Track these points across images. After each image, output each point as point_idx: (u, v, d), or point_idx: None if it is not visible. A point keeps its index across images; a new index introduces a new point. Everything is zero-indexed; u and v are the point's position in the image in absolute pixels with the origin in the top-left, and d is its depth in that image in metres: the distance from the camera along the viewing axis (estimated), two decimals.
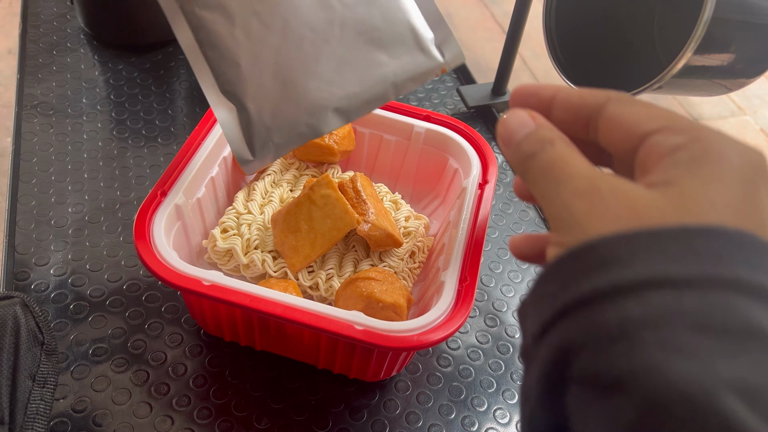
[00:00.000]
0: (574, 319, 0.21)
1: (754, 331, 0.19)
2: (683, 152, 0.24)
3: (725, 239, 0.21)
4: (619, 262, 0.21)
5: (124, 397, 0.51)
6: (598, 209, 0.23)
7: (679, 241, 0.21)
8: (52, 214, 0.64)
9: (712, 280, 0.20)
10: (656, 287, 0.20)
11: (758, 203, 0.23)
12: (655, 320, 0.19)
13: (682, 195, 0.22)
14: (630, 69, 0.39)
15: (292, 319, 0.44)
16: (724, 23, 0.30)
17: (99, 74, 0.80)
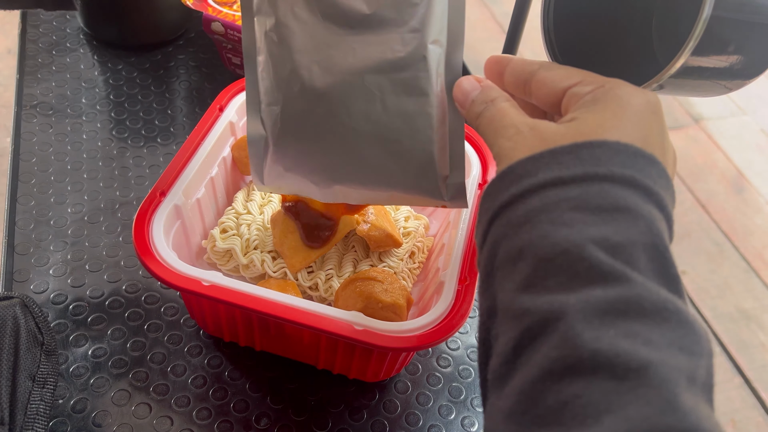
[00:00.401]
0: (498, 221, 0.29)
1: (620, 207, 0.26)
2: (589, 96, 0.31)
3: (605, 148, 0.28)
4: (528, 175, 0.28)
5: (123, 398, 0.51)
6: (519, 144, 0.31)
7: (570, 154, 0.28)
8: (52, 215, 0.64)
9: (591, 175, 0.27)
10: (551, 186, 0.27)
11: (644, 129, 0.29)
12: (548, 207, 0.27)
13: (579, 124, 0.30)
14: (628, 68, 0.39)
15: (291, 319, 0.44)
16: (724, 22, 0.30)
17: (98, 74, 0.80)
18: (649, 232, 0.26)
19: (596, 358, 0.22)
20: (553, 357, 0.23)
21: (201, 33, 0.87)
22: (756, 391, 1.36)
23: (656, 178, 0.28)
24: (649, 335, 0.23)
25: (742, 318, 1.48)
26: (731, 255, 1.61)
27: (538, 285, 0.26)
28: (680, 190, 1.74)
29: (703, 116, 1.97)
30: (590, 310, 0.23)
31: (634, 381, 0.22)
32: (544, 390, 0.23)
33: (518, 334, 0.25)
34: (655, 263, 0.26)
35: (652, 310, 0.24)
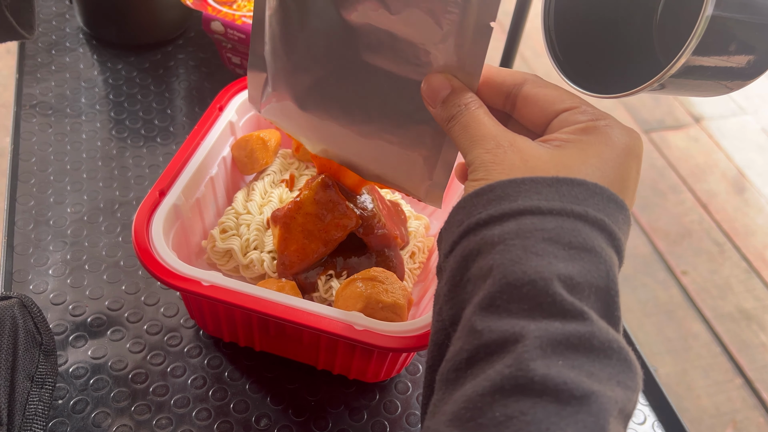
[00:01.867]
0: (473, 236, 0.30)
1: (588, 247, 0.28)
2: (581, 125, 0.32)
3: (583, 188, 0.30)
4: (508, 198, 0.30)
5: (123, 398, 0.51)
6: (499, 159, 0.32)
7: (551, 186, 0.30)
8: (51, 215, 0.63)
9: (567, 211, 0.29)
10: (529, 214, 0.29)
11: (623, 172, 0.32)
12: (523, 233, 0.28)
13: (564, 154, 0.32)
14: (629, 68, 0.39)
15: (291, 320, 0.44)
16: (725, 21, 0.30)
17: (98, 74, 0.80)
18: (607, 276, 0.28)
19: (545, 383, 0.25)
20: (506, 374, 0.26)
21: (201, 32, 0.86)
22: (757, 392, 1.36)
23: (621, 224, 0.31)
24: (592, 369, 0.26)
25: (743, 318, 1.48)
26: (732, 255, 1.61)
27: (501, 307, 0.27)
28: (681, 190, 1.74)
29: (704, 116, 1.97)
30: (547, 339, 0.26)
31: (575, 407, 0.25)
32: (492, 402, 0.26)
33: (474, 347, 0.27)
34: (604, 305, 0.28)
35: (599, 347, 0.26)
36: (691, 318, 1.47)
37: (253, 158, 0.57)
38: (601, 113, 0.33)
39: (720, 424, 1.31)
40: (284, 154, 0.61)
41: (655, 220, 1.65)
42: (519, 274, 0.27)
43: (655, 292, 1.51)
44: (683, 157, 1.83)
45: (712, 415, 1.32)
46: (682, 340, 1.43)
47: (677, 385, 1.36)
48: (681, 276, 1.54)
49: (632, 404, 0.27)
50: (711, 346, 1.42)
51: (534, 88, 0.35)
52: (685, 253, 1.59)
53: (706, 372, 1.38)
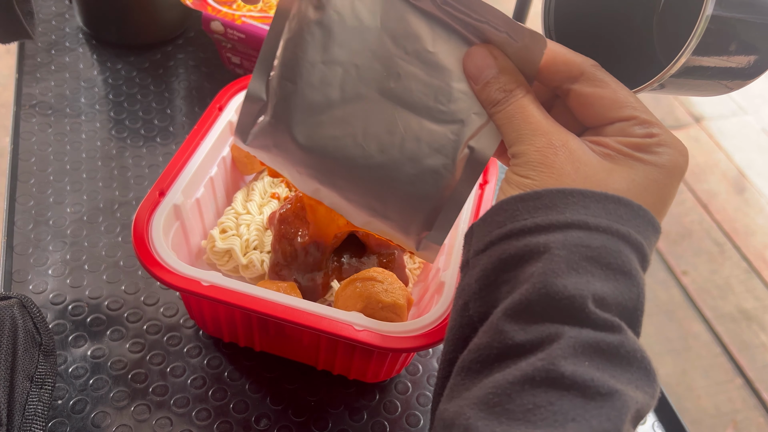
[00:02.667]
0: (515, 241, 0.30)
1: (625, 271, 0.29)
2: (634, 141, 0.32)
3: (629, 209, 0.30)
4: (556, 209, 0.30)
5: (123, 399, 0.51)
6: (550, 162, 0.32)
7: (599, 203, 0.30)
8: (51, 215, 0.63)
9: (612, 230, 0.29)
10: (576, 227, 0.29)
11: (665, 193, 0.32)
12: (569, 246, 0.29)
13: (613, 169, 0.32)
14: (630, 68, 0.39)
15: (291, 320, 0.44)
16: (725, 21, 0.30)
17: (98, 73, 0.80)
18: (637, 299, 0.30)
19: (573, 378, 0.27)
20: (537, 366, 0.27)
21: (200, 32, 0.86)
22: (757, 392, 1.36)
23: (652, 246, 0.32)
24: (614, 372, 0.28)
25: (744, 318, 1.48)
26: (732, 255, 1.61)
27: (538, 313, 0.29)
28: (681, 190, 1.74)
29: (704, 116, 1.97)
30: (580, 342, 0.28)
31: (600, 402, 0.27)
32: (522, 391, 0.27)
33: (506, 345, 0.29)
34: (631, 321, 0.30)
35: (625, 355, 0.28)
36: (691, 318, 1.47)
37: (253, 158, 0.57)
38: (656, 127, 0.32)
39: (720, 425, 1.31)
40: None
41: None
42: (560, 287, 0.28)
43: (656, 292, 1.51)
44: None
45: (713, 415, 1.32)
46: (683, 340, 1.43)
47: (677, 385, 1.36)
48: (681, 276, 1.54)
49: (647, 409, 0.28)
50: (711, 347, 1.42)
51: (589, 87, 0.33)
52: (685, 253, 1.59)
53: (707, 372, 1.38)
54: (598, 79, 0.33)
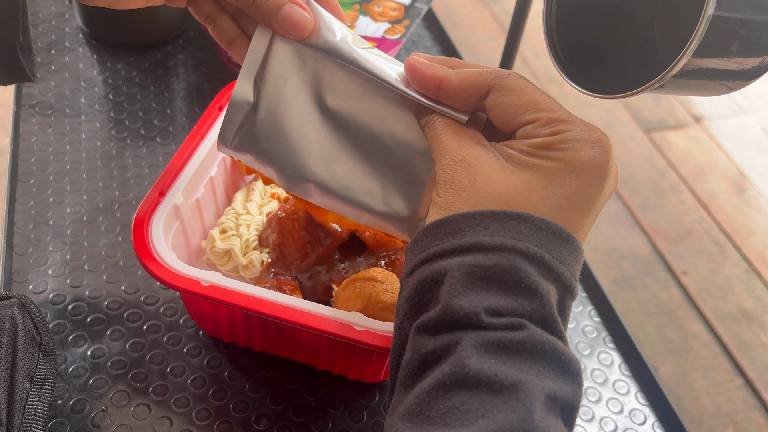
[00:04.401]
0: (429, 265, 0.33)
1: (523, 285, 0.30)
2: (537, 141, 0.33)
3: (529, 223, 0.31)
4: (460, 233, 0.32)
5: (122, 399, 0.51)
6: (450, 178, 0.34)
7: (498, 221, 0.32)
8: (51, 215, 0.63)
9: (507, 247, 0.31)
10: (474, 250, 0.31)
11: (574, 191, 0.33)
12: (464, 268, 0.31)
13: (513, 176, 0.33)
14: (631, 67, 0.39)
15: (291, 320, 0.44)
16: (726, 21, 0.30)
17: (97, 74, 0.79)
18: (542, 308, 0.31)
19: (479, 376, 0.28)
20: (447, 371, 0.29)
21: (200, 32, 0.86)
22: (758, 392, 1.36)
23: (565, 255, 0.32)
24: (522, 365, 0.29)
25: (744, 318, 1.48)
26: (732, 255, 1.61)
27: (444, 327, 0.31)
28: (681, 190, 1.74)
29: (704, 116, 1.97)
30: (481, 341, 0.29)
31: (506, 395, 0.28)
32: (437, 396, 0.29)
33: (423, 355, 0.31)
34: (543, 326, 0.31)
35: (531, 348, 0.30)
36: (691, 318, 1.47)
37: None
38: (565, 124, 0.33)
39: (720, 425, 1.31)
40: None
41: (656, 220, 1.65)
42: (456, 307, 0.30)
43: (656, 292, 1.51)
44: (683, 157, 1.83)
45: (713, 415, 1.32)
46: (683, 340, 1.43)
47: (677, 385, 1.36)
48: (681, 276, 1.54)
49: (567, 394, 0.30)
50: (711, 347, 1.42)
51: (496, 98, 0.35)
52: (685, 254, 1.59)
53: (707, 372, 1.38)
54: (503, 88, 0.34)
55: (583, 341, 0.60)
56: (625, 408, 0.56)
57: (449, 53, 0.91)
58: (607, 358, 0.59)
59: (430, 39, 0.94)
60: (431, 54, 0.71)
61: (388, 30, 0.79)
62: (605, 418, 0.55)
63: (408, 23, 0.81)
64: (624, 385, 0.57)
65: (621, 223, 1.64)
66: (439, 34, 0.94)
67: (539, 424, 0.27)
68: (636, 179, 1.75)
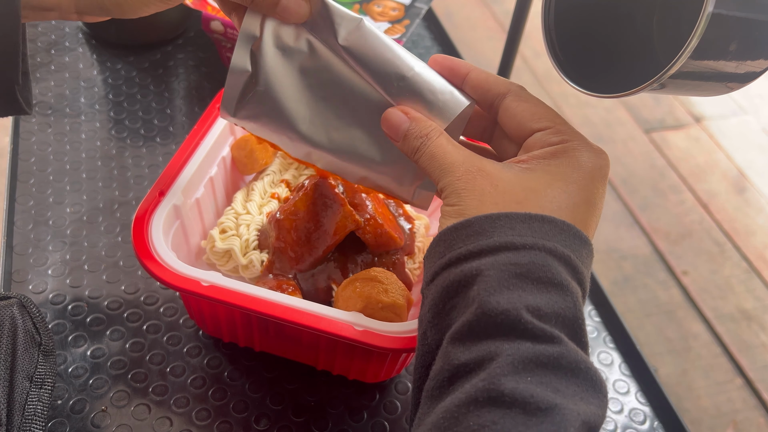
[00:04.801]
0: (454, 268, 0.32)
1: (556, 282, 0.31)
2: (550, 150, 0.35)
3: (553, 225, 0.32)
4: (485, 234, 0.32)
5: (122, 399, 0.51)
6: (471, 186, 0.34)
7: (524, 223, 0.32)
8: (51, 215, 0.63)
9: (538, 246, 0.31)
10: (504, 249, 0.32)
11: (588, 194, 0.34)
12: (499, 267, 0.31)
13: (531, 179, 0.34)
14: (630, 67, 0.39)
15: (291, 320, 0.44)
16: (726, 20, 0.30)
17: (97, 73, 0.80)
18: (574, 307, 0.31)
19: (514, 395, 0.28)
20: (479, 387, 0.28)
21: (200, 32, 0.86)
22: (758, 392, 1.36)
23: (584, 258, 0.33)
24: (558, 385, 0.29)
25: (744, 318, 1.48)
26: (732, 255, 1.61)
27: (479, 332, 0.30)
28: (681, 190, 1.74)
29: (704, 116, 1.97)
30: (518, 357, 0.29)
31: (540, 417, 0.27)
32: (467, 413, 0.28)
33: (454, 367, 0.30)
34: (572, 332, 0.31)
35: (567, 366, 0.29)
36: (691, 318, 1.47)
37: (253, 158, 0.57)
38: (572, 134, 0.36)
39: (720, 425, 1.30)
40: (284, 154, 0.61)
41: (656, 220, 1.65)
42: (493, 304, 0.30)
43: (656, 292, 1.51)
44: (683, 157, 1.83)
45: (713, 415, 1.31)
46: (683, 340, 1.43)
47: (677, 385, 1.35)
48: (681, 276, 1.54)
49: (599, 419, 0.29)
50: (711, 347, 1.42)
51: (514, 101, 0.37)
52: (685, 253, 1.59)
53: (707, 372, 1.38)
54: (522, 96, 0.37)
55: None
56: (625, 408, 0.56)
57: (449, 53, 0.91)
58: (607, 358, 0.59)
59: (430, 39, 0.94)
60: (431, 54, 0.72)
61: (388, 30, 0.79)
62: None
63: (408, 23, 0.81)
64: (624, 385, 0.57)
65: (621, 223, 1.64)
66: (439, 34, 0.94)
67: None
68: (636, 179, 1.75)
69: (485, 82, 0.38)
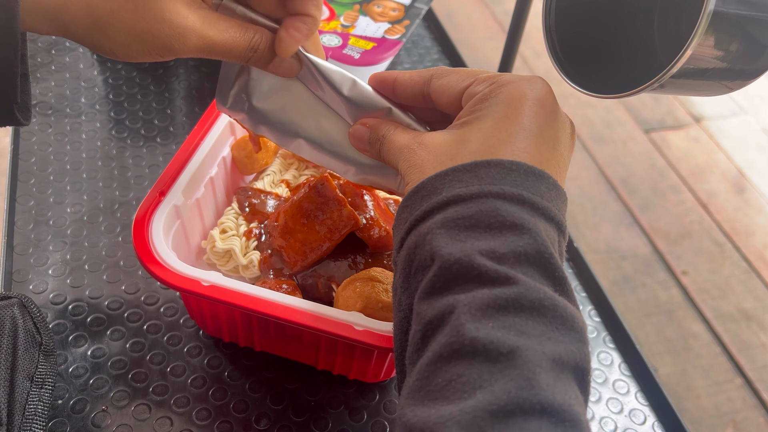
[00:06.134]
0: (415, 231, 0.33)
1: (508, 223, 0.31)
2: (477, 97, 0.35)
3: (500, 167, 0.32)
4: (436, 192, 0.33)
5: (122, 399, 0.51)
6: (413, 161, 0.36)
7: (470, 172, 0.32)
8: (51, 215, 0.63)
9: (485, 193, 0.31)
10: (453, 203, 0.32)
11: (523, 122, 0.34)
12: (448, 223, 0.31)
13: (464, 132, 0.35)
14: (631, 67, 0.39)
15: (291, 320, 0.44)
16: (726, 19, 0.30)
17: (98, 73, 0.80)
18: (534, 242, 0.30)
19: (474, 344, 0.28)
20: (443, 343, 0.29)
21: None
22: (757, 392, 1.36)
23: (545, 192, 0.33)
24: (523, 327, 0.28)
25: (743, 318, 1.48)
26: (732, 255, 1.61)
27: (440, 287, 0.30)
28: (681, 190, 1.74)
29: (704, 116, 1.97)
30: (475, 305, 0.29)
31: (503, 363, 0.27)
32: (436, 370, 0.28)
33: (423, 326, 0.30)
34: (540, 267, 0.30)
35: (529, 306, 0.29)
36: (691, 318, 1.47)
37: (253, 158, 0.57)
38: (497, 77, 0.36)
39: (720, 425, 1.31)
40: (284, 154, 0.61)
41: (655, 220, 1.65)
42: (446, 256, 0.30)
43: (655, 292, 1.51)
44: (683, 157, 1.83)
45: (713, 415, 1.32)
46: (682, 340, 1.43)
47: (677, 385, 1.36)
48: (681, 276, 1.54)
49: (573, 354, 0.28)
50: (711, 346, 1.42)
51: (438, 80, 0.38)
52: (685, 253, 1.59)
53: (707, 372, 1.38)
54: (442, 72, 0.38)
55: None
56: (625, 408, 0.56)
57: (449, 53, 0.91)
58: (607, 358, 0.59)
59: (430, 39, 0.94)
60: (431, 54, 0.72)
61: (388, 30, 0.79)
62: (605, 418, 0.55)
63: (408, 23, 0.81)
64: (624, 385, 0.57)
65: (621, 223, 1.64)
66: (439, 34, 0.94)
67: (541, 392, 0.26)
68: (636, 179, 1.75)
69: (409, 79, 0.40)
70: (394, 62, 0.87)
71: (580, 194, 1.69)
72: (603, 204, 1.68)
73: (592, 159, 1.79)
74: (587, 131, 1.87)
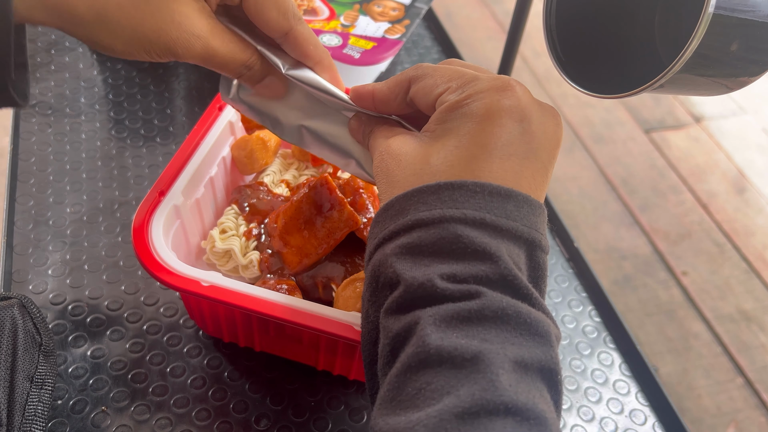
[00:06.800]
0: (382, 249, 0.33)
1: (470, 249, 0.31)
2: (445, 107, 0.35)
3: (464, 190, 0.32)
4: (403, 213, 0.33)
5: (122, 398, 0.51)
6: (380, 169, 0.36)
7: (434, 194, 0.32)
8: (51, 215, 0.63)
9: (446, 219, 0.31)
10: (417, 227, 0.32)
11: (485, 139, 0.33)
12: (412, 248, 0.32)
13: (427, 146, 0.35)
14: (631, 67, 0.39)
15: (291, 320, 0.44)
16: (726, 20, 0.30)
17: (97, 73, 0.79)
18: (497, 267, 0.31)
19: (440, 352, 0.28)
20: (410, 353, 0.29)
21: None
22: (758, 392, 1.36)
23: (511, 211, 0.32)
24: (486, 335, 0.29)
25: (743, 319, 1.48)
26: (732, 255, 1.61)
27: (406, 305, 0.31)
28: (681, 190, 1.74)
29: (704, 116, 1.97)
30: (440, 317, 0.29)
31: (468, 368, 0.28)
32: (405, 380, 0.29)
33: (391, 339, 0.31)
34: (503, 288, 0.31)
35: (492, 316, 0.29)
36: (691, 318, 1.47)
37: (253, 158, 0.57)
38: (469, 84, 0.34)
39: (721, 425, 1.31)
40: (284, 154, 0.61)
41: (655, 220, 1.65)
42: (410, 280, 0.31)
43: (656, 292, 1.51)
44: (683, 157, 1.83)
45: (713, 415, 1.32)
46: (683, 340, 1.43)
47: (678, 385, 1.36)
48: (681, 276, 1.54)
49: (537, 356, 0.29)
50: (711, 346, 1.42)
51: (416, 84, 0.37)
52: (685, 254, 1.59)
53: (707, 372, 1.38)
54: (420, 75, 0.37)
55: (583, 341, 0.60)
56: (625, 408, 0.56)
57: (449, 53, 0.91)
58: (607, 358, 0.59)
59: (430, 39, 0.94)
60: (431, 54, 0.72)
61: (388, 30, 0.79)
62: (605, 418, 0.55)
63: (408, 23, 0.81)
64: (624, 385, 0.57)
65: (621, 223, 1.64)
66: (439, 34, 0.94)
67: (505, 393, 0.27)
68: (636, 179, 1.75)
69: (388, 92, 0.39)
70: (395, 62, 0.86)
71: (580, 194, 1.69)
72: (603, 204, 1.68)
73: (592, 159, 1.79)
74: (587, 131, 1.87)
